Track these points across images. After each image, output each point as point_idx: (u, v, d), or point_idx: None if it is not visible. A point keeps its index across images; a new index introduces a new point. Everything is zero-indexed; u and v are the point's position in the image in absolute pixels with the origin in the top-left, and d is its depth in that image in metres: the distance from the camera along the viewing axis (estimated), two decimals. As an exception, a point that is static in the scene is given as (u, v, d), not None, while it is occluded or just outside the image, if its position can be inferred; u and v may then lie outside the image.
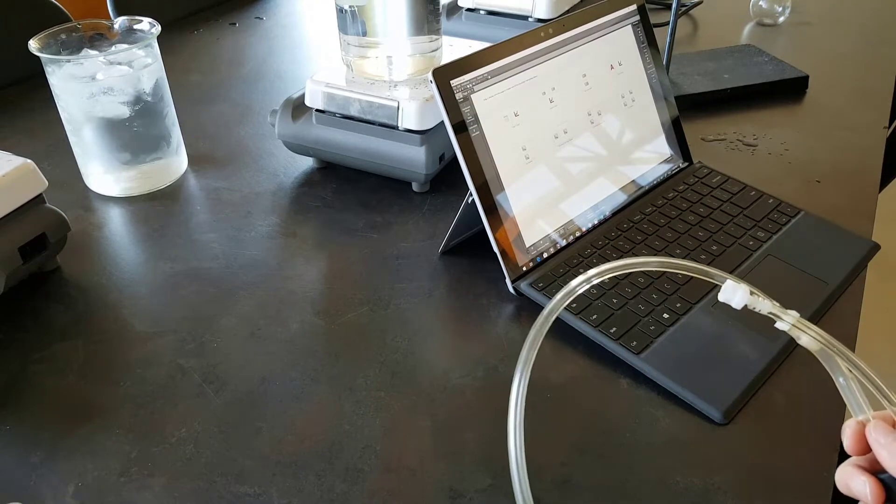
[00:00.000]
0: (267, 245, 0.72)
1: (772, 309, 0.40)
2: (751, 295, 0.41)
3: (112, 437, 0.53)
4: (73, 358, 0.60)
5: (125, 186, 0.80)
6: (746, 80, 0.98)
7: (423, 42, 0.77)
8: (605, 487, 0.48)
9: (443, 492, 0.48)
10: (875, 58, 1.10)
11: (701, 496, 0.48)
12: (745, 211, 0.71)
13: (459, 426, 0.53)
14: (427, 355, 0.59)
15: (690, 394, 0.53)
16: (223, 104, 1.00)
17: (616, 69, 0.72)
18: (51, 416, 0.55)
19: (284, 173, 0.84)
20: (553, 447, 0.51)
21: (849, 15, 1.26)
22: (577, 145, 0.69)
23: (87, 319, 0.64)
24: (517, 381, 0.41)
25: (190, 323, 0.63)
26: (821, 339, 0.39)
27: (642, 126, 0.75)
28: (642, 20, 0.75)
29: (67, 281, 0.68)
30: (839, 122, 0.92)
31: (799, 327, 0.40)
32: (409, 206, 0.77)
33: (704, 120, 0.92)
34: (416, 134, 0.74)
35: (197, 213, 0.77)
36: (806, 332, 0.40)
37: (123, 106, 0.75)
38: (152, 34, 0.76)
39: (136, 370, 0.58)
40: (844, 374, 0.39)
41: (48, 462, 0.51)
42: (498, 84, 0.63)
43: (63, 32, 0.76)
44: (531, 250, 0.64)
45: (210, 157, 0.87)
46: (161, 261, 0.70)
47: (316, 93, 0.77)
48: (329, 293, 0.66)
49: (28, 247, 0.63)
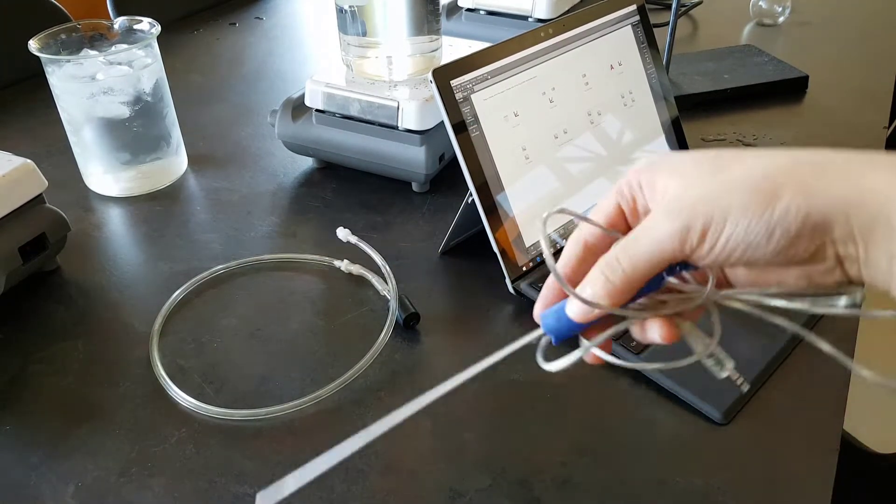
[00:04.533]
0: (267, 245, 0.72)
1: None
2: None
3: (112, 437, 0.53)
4: (72, 358, 0.60)
5: (125, 186, 0.80)
6: (746, 80, 0.98)
7: (422, 42, 0.77)
8: (605, 488, 0.48)
9: (443, 492, 0.48)
10: (875, 58, 1.10)
11: (701, 496, 0.48)
12: (745, 211, 0.71)
13: (459, 426, 0.53)
14: (427, 355, 0.59)
15: (690, 394, 0.53)
16: (223, 104, 1.00)
17: (616, 69, 0.72)
18: (50, 417, 0.55)
19: (284, 173, 0.84)
20: (553, 447, 0.51)
21: (849, 15, 1.26)
22: (577, 145, 0.69)
23: (87, 319, 0.64)
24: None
25: (190, 323, 0.63)
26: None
27: (642, 126, 0.75)
28: (642, 20, 0.75)
29: (67, 281, 0.68)
30: (839, 123, 0.92)
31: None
32: (409, 207, 0.77)
33: (704, 120, 0.92)
34: (416, 134, 0.74)
35: (197, 214, 0.77)
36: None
37: (123, 106, 0.75)
38: (152, 34, 0.76)
39: (135, 370, 0.58)
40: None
41: (48, 462, 0.51)
42: (498, 84, 0.63)
43: (63, 32, 0.76)
44: (531, 250, 0.64)
45: (210, 157, 0.87)
46: (161, 261, 0.70)
47: (316, 93, 0.77)
48: (329, 293, 0.66)
49: (28, 247, 0.63)
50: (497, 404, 0.54)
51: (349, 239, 0.68)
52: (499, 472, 0.49)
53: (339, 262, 0.68)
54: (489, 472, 0.49)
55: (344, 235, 0.69)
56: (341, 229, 0.69)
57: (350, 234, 0.68)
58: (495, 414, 0.54)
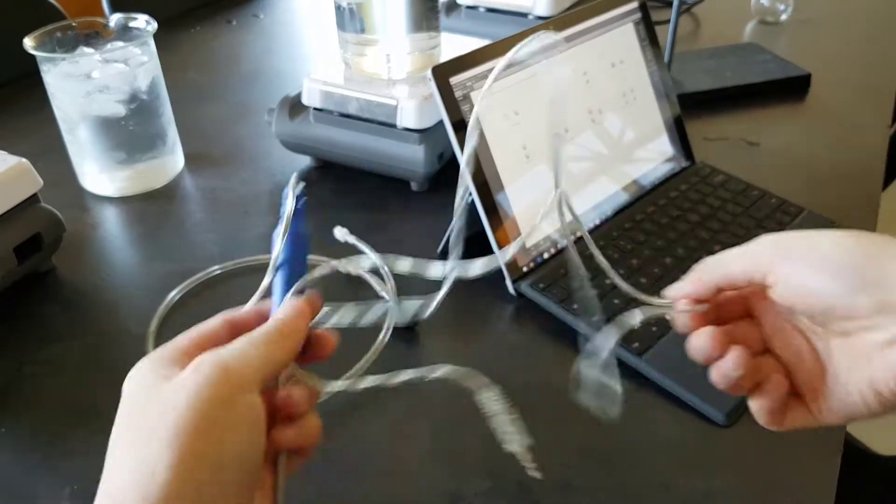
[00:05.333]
0: (264, 245, 0.71)
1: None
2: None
3: (108, 439, 0.52)
4: (69, 359, 0.59)
5: (121, 186, 0.79)
6: (748, 78, 0.97)
7: (422, 39, 0.76)
8: (607, 490, 0.48)
9: (443, 493, 0.48)
10: (878, 56, 1.09)
11: (703, 498, 0.47)
12: (747, 210, 0.70)
13: (459, 428, 0.52)
14: (427, 356, 0.58)
15: (693, 395, 0.53)
16: (220, 102, 1.00)
17: (617, 67, 0.72)
18: (47, 419, 0.54)
19: (282, 172, 0.83)
20: (554, 449, 0.50)
21: (851, 13, 1.26)
22: (578, 144, 0.68)
23: (83, 320, 0.63)
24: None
25: (186, 324, 0.62)
26: None
27: (644, 125, 0.74)
28: (644, 18, 0.74)
29: (63, 282, 0.68)
30: (842, 121, 0.91)
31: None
32: (407, 206, 0.77)
33: (706, 118, 0.92)
34: (415, 132, 0.73)
35: (193, 213, 0.77)
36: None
37: (119, 104, 0.74)
38: (148, 32, 0.75)
39: (132, 372, 0.57)
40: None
41: (44, 464, 0.50)
42: (498, 82, 0.62)
43: (58, 30, 0.75)
44: (531, 250, 0.64)
45: (207, 156, 0.87)
46: (157, 261, 0.70)
47: (313, 91, 0.77)
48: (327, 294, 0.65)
49: (23, 247, 0.63)
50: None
51: (347, 239, 0.68)
52: (498, 475, 0.49)
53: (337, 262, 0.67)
54: (489, 475, 0.49)
55: (342, 235, 0.68)
56: (339, 229, 0.68)
57: (348, 233, 0.68)
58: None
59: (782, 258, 0.35)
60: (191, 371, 0.32)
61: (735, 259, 0.36)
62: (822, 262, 0.33)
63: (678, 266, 0.63)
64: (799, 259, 0.34)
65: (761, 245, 0.36)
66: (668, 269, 0.63)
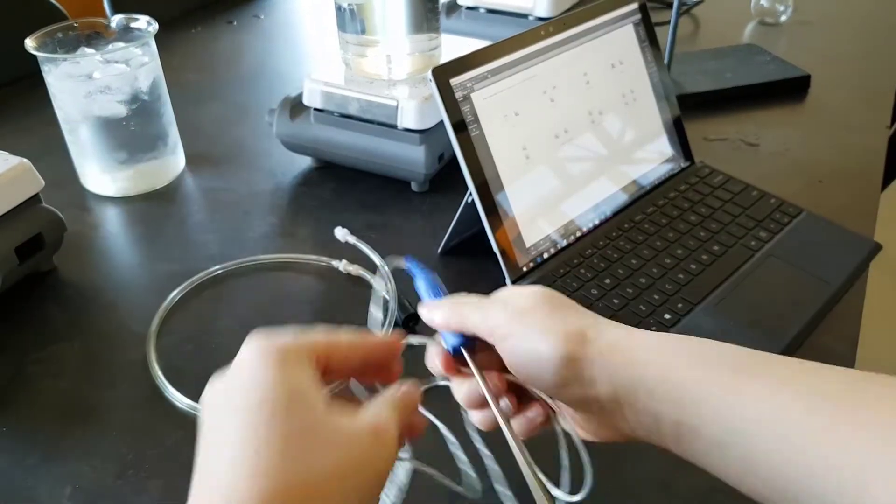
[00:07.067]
0: (265, 245, 0.72)
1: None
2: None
3: (109, 439, 0.52)
4: (69, 359, 0.59)
5: (122, 186, 0.79)
6: (748, 79, 0.97)
7: (422, 40, 0.77)
8: (607, 489, 0.48)
9: (442, 495, 0.48)
10: (877, 57, 1.09)
11: (703, 498, 0.47)
12: (746, 211, 0.71)
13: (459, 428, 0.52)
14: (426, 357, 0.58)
15: (692, 395, 0.53)
16: (221, 103, 1.00)
17: (617, 68, 0.72)
18: (47, 418, 0.54)
19: (282, 173, 0.83)
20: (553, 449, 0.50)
21: (851, 14, 1.26)
22: (578, 145, 0.68)
23: (84, 320, 0.63)
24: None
25: (187, 324, 0.62)
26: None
27: (643, 125, 0.74)
28: (643, 19, 0.74)
29: (64, 281, 0.68)
30: (841, 122, 0.91)
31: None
32: (408, 206, 0.77)
33: (706, 119, 0.92)
34: (416, 133, 0.74)
35: (194, 213, 0.77)
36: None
37: (120, 105, 0.74)
38: (149, 32, 0.75)
39: (132, 372, 0.57)
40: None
41: (45, 464, 0.50)
42: (498, 83, 0.62)
43: (60, 31, 0.76)
44: (531, 250, 0.64)
45: (207, 156, 0.87)
46: (158, 261, 0.70)
47: (314, 91, 0.77)
48: (327, 294, 0.66)
49: (24, 247, 0.63)
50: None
51: (348, 239, 0.68)
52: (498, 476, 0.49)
53: (338, 262, 0.67)
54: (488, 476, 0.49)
55: (342, 235, 0.68)
56: (340, 229, 0.68)
57: (349, 233, 0.68)
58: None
59: (506, 338, 0.38)
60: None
61: (476, 319, 0.40)
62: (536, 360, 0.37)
63: (677, 266, 0.64)
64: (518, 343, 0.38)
65: (496, 313, 0.39)
66: (668, 269, 0.63)
